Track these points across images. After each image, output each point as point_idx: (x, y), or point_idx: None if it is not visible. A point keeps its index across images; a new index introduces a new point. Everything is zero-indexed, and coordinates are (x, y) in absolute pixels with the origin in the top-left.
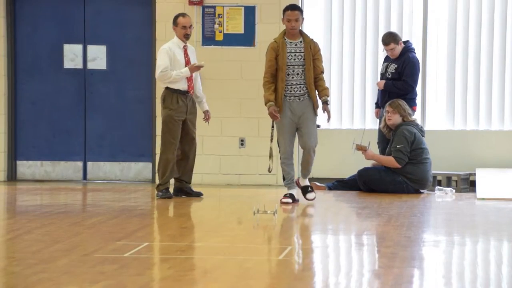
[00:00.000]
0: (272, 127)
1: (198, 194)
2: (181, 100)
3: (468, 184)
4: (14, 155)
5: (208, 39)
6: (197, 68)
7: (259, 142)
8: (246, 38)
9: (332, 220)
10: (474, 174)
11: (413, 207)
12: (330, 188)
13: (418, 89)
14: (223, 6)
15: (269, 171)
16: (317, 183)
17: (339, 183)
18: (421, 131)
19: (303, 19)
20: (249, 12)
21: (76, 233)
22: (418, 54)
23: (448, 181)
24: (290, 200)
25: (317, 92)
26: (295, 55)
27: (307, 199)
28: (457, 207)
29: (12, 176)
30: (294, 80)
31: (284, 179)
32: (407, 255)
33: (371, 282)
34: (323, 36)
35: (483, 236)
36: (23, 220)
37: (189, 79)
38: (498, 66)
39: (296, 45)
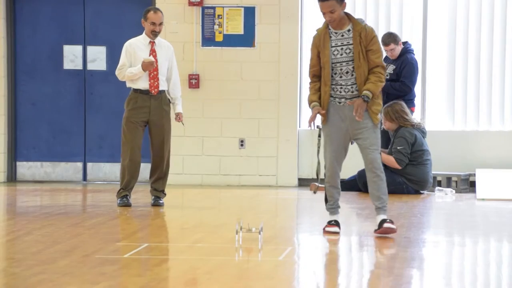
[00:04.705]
0: (319, 136)
1: (156, 203)
2: (141, 101)
3: (468, 185)
4: (14, 156)
5: (208, 40)
6: (150, 64)
7: (259, 143)
8: (246, 39)
9: None
10: (474, 174)
11: (413, 207)
12: None
13: (418, 89)
14: (223, 7)
15: (314, 192)
16: (317, 184)
17: None
18: (423, 132)
19: (344, 3)
20: (249, 13)
21: (76, 234)
22: (418, 55)
23: (448, 181)
24: (337, 230)
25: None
26: (341, 49)
27: (383, 231)
28: (457, 207)
29: (12, 177)
30: (342, 80)
31: (326, 201)
32: (407, 255)
33: (371, 283)
34: None
35: (483, 236)
36: (23, 221)
37: (152, 78)
38: (498, 66)
39: (342, 35)
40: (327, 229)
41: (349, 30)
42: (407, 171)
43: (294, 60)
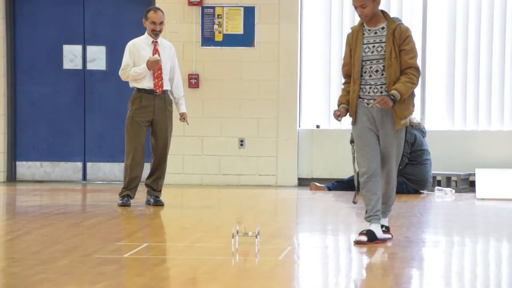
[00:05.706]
0: (352, 142)
1: (157, 203)
2: (146, 100)
3: (467, 184)
4: (13, 156)
5: (207, 40)
6: (156, 63)
7: (258, 143)
8: (246, 39)
9: (331, 221)
10: (474, 174)
11: (413, 207)
12: (329, 189)
13: (418, 89)
14: (223, 7)
15: (354, 202)
16: (317, 184)
17: (339, 183)
18: (423, 132)
19: (376, 0)
20: (249, 13)
21: (76, 233)
22: (418, 54)
23: (447, 181)
24: (364, 239)
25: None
26: (373, 46)
27: (378, 239)
28: (457, 207)
29: (11, 177)
30: (372, 79)
31: (366, 211)
32: (406, 255)
33: (371, 282)
34: (323, 36)
35: (482, 236)
36: (23, 221)
37: (156, 77)
38: (498, 66)
39: (376, 33)
40: (357, 238)
41: (383, 28)
42: (407, 171)
43: (293, 60)
